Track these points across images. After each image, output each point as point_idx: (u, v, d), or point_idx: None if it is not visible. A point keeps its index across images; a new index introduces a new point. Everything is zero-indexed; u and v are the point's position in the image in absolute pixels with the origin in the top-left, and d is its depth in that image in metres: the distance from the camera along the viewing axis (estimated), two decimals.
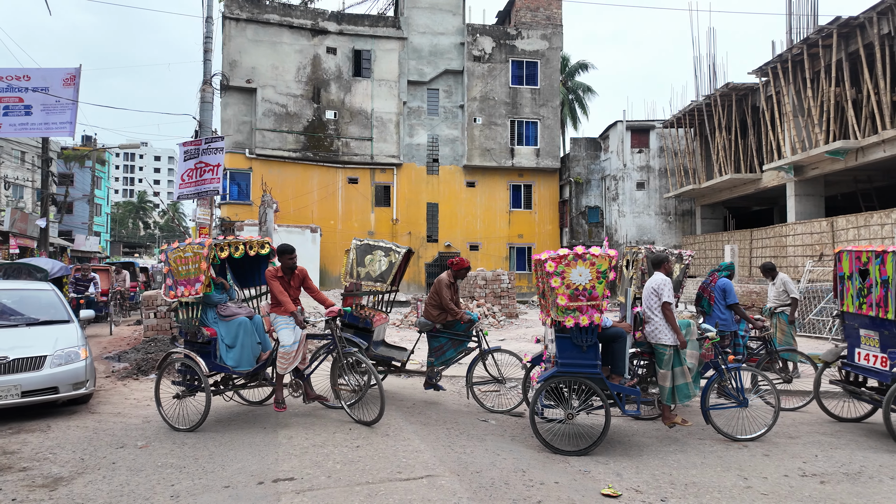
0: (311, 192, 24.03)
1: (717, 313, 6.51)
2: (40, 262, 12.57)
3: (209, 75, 8.77)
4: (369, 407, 5.66)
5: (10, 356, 5.66)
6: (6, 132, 9.08)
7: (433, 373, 6.34)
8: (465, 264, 6.49)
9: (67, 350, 6.07)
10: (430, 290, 6.43)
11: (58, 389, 5.82)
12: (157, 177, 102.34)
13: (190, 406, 5.73)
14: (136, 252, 54.03)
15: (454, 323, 6.29)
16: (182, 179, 8.26)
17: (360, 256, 6.65)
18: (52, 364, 5.86)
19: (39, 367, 5.78)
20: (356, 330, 6.40)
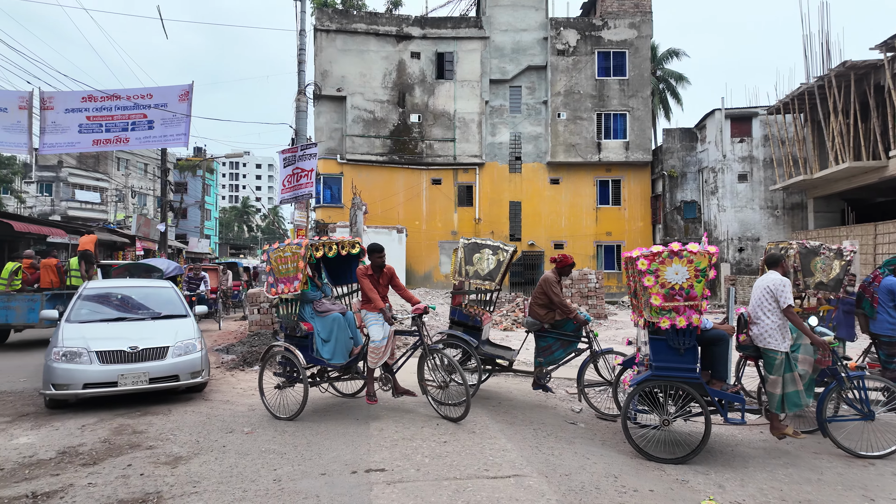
0: (397, 194, 24.72)
1: (885, 317, 5.69)
2: (157, 262, 13.96)
3: (303, 86, 9.30)
4: (455, 403, 5.73)
5: (139, 346, 6.29)
6: (133, 145, 10.22)
7: (542, 373, 6.20)
8: (570, 261, 6.32)
9: (186, 342, 6.64)
10: (535, 289, 6.32)
11: (178, 377, 6.38)
12: (258, 183, 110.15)
13: (290, 396, 6.09)
14: (241, 253, 58.52)
15: (563, 322, 6.13)
16: (283, 185, 8.84)
17: (468, 255, 6.66)
18: (174, 354, 6.43)
19: (163, 357, 6.36)
20: (465, 328, 6.44)
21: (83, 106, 9.92)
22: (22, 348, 11.06)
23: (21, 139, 9.80)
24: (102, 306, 7.30)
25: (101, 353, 6.11)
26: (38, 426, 5.54)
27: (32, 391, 7.08)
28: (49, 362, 6.03)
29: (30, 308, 10.24)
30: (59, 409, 6.17)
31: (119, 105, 9.91)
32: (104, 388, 6.00)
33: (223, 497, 3.81)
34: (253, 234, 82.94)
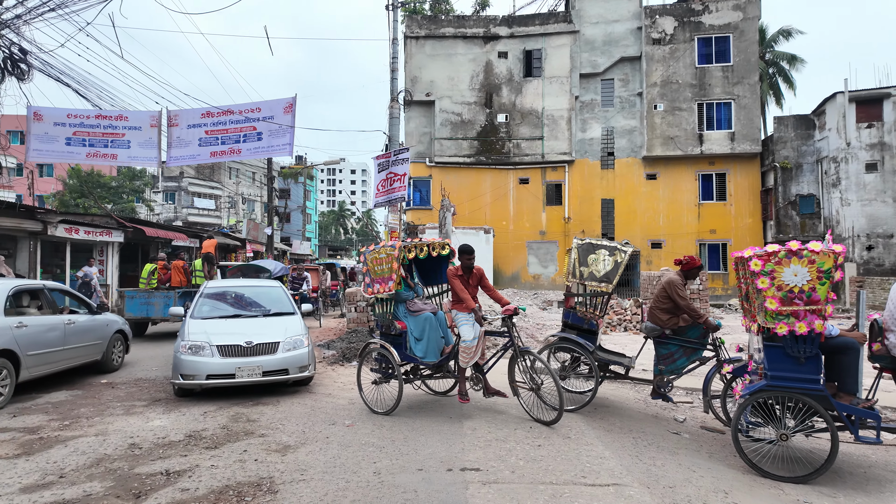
0: (484, 195, 24.77)
1: None
2: (265, 263, 15.10)
3: (396, 93, 9.61)
4: (548, 406, 5.63)
5: (254, 341, 6.76)
6: (244, 156, 11.16)
7: (662, 382, 5.85)
8: (697, 262, 5.94)
9: (294, 338, 7.05)
10: (657, 292, 6.01)
11: (288, 371, 6.78)
12: (353, 188, 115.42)
13: (386, 391, 6.31)
14: (338, 254, 61.70)
15: (686, 328, 5.75)
16: (377, 189, 9.20)
17: (583, 256, 6.42)
18: (283, 349, 6.85)
19: (274, 352, 6.80)
20: (579, 331, 6.27)
21: (202, 122, 11.00)
22: (156, 339, 12.43)
23: (152, 154, 11.08)
24: (221, 304, 7.96)
25: (221, 347, 6.63)
26: (168, 411, 6.19)
27: (163, 379, 7.93)
28: (178, 354, 6.66)
29: (165, 304, 11.64)
30: (185, 396, 6.83)
31: (232, 119, 10.87)
32: (224, 379, 6.52)
33: (328, 486, 4.03)
34: (348, 236, 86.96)
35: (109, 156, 11.00)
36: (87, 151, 10.85)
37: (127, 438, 5.15)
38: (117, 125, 10.93)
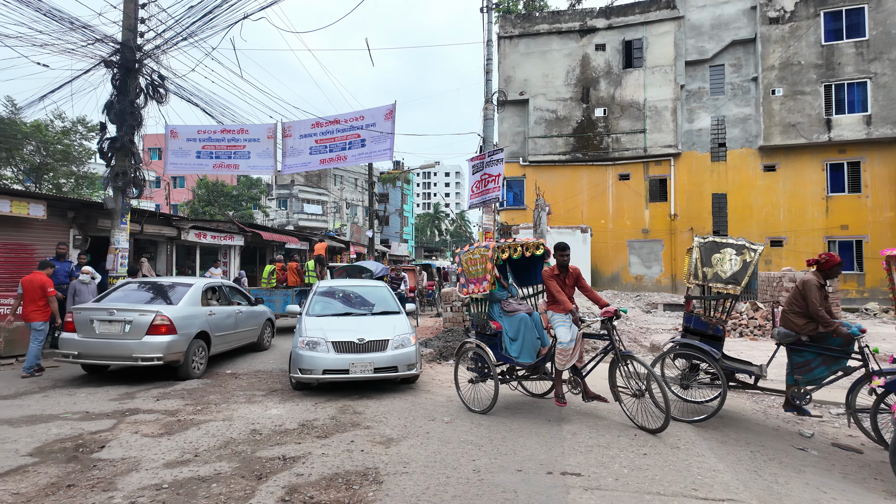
0: (581, 193, 24.07)
1: None
2: (367, 264, 15.85)
3: (490, 94, 9.65)
4: (653, 414, 5.36)
5: (365, 338, 6.98)
6: (350, 162, 11.80)
7: (798, 393, 5.33)
8: (836, 260, 5.32)
9: (402, 336, 7.22)
10: (790, 294, 5.49)
11: (397, 369, 6.93)
12: (447, 190, 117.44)
13: (482, 391, 6.35)
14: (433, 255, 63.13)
15: (826, 335, 5.18)
16: (472, 190, 9.30)
17: (706, 255, 5.92)
18: (392, 347, 7.01)
19: (384, 349, 6.97)
20: (702, 337, 5.86)
21: (312, 131, 11.81)
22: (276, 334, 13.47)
23: (269, 163, 12.09)
24: (332, 302, 8.40)
25: (336, 343, 6.90)
26: (283, 401, 6.70)
27: (279, 372, 8.60)
28: (297, 350, 6.99)
29: (284, 301, 12.74)
30: (300, 389, 7.28)
31: (338, 128, 11.56)
32: (338, 374, 6.78)
33: (429, 480, 4.14)
34: (443, 237, 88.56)
35: (232, 166, 12.18)
36: (213, 163, 12.10)
37: (249, 424, 5.65)
38: (239, 138, 12.07)
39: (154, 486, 4.01)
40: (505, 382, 6.35)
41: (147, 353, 7.35)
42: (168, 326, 7.54)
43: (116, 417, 5.88)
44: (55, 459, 4.58)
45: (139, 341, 7.37)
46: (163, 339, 7.45)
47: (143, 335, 7.39)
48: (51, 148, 24.92)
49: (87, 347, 7.43)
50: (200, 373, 8.17)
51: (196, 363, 8.09)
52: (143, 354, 7.33)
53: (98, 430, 5.39)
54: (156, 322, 7.46)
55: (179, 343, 7.68)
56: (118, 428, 5.50)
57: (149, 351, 7.36)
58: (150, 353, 7.35)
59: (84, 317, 7.55)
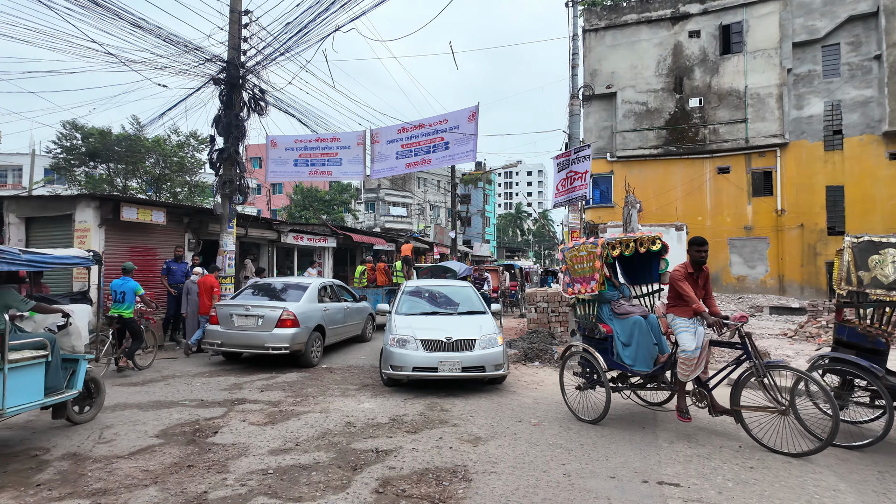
0: (675, 188, 22.78)
1: None
2: (451, 264, 16.06)
3: (576, 89, 9.42)
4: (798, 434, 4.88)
5: (453, 337, 7.04)
6: (433, 165, 12.03)
7: None
8: None
9: (489, 336, 7.16)
10: None
11: (485, 368, 6.92)
12: (529, 189, 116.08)
13: (591, 398, 5.91)
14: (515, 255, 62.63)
15: None
16: (557, 189, 9.12)
17: (861, 258, 5.14)
18: (480, 346, 7.00)
19: (472, 349, 6.97)
20: (859, 351, 5.15)
21: (398, 136, 12.18)
22: None
23: (358, 169, 12.62)
24: (420, 301, 8.58)
25: (425, 342, 7.01)
26: (375, 395, 6.95)
27: (370, 367, 8.94)
28: (388, 347, 7.18)
29: (375, 300, 13.27)
30: (391, 386, 7.46)
31: (423, 132, 11.83)
32: (427, 372, 6.88)
33: (518, 481, 4.12)
34: (525, 237, 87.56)
35: (326, 172, 12.85)
36: (309, 170, 12.84)
37: (344, 417, 5.93)
38: (331, 146, 12.71)
39: (261, 471, 4.33)
40: (617, 391, 5.80)
41: (276, 343, 8.43)
42: (293, 320, 8.58)
43: (227, 406, 6.41)
44: (177, 441, 5.08)
45: (270, 333, 8.47)
46: (289, 332, 8.50)
47: (273, 328, 8.48)
48: (168, 160, 27.66)
49: (228, 338, 8.67)
50: (318, 361, 9.17)
51: (314, 353, 9.08)
52: (273, 344, 8.43)
53: (211, 417, 5.91)
54: (283, 317, 8.51)
55: (302, 335, 8.69)
56: (228, 416, 5.99)
57: (278, 342, 8.43)
58: (279, 344, 8.43)
59: (225, 312, 8.76)
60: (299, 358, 8.90)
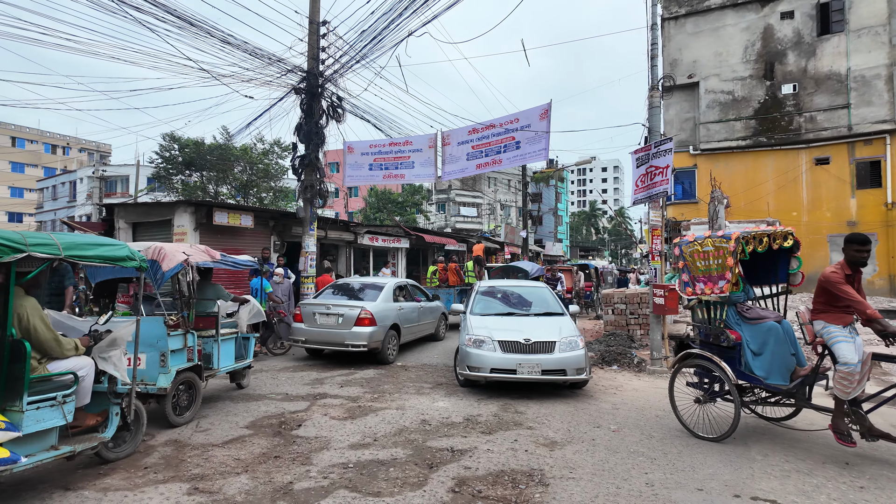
0: (766, 182, 21.19)
1: None
2: (522, 264, 15.88)
3: (655, 81, 8.98)
4: None
5: (531, 338, 6.79)
6: (504, 165, 11.95)
7: None
8: None
9: (570, 339, 6.88)
10: None
11: (565, 372, 6.64)
12: (603, 186, 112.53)
13: (712, 413, 5.37)
14: (589, 255, 60.92)
15: None
16: (636, 185, 8.75)
17: None
18: (560, 349, 6.73)
19: (551, 351, 6.72)
20: None
21: (469, 138, 12.22)
22: None
23: (430, 171, 12.80)
24: (494, 301, 8.45)
25: (502, 343, 6.80)
26: (448, 395, 7.00)
27: (443, 367, 9.02)
28: (465, 347, 7.05)
29: (447, 300, 13.42)
30: (467, 386, 7.37)
31: (494, 132, 11.78)
32: (506, 374, 6.67)
33: (598, 488, 3.99)
34: (600, 236, 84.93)
35: (399, 176, 13.14)
36: (383, 174, 13.18)
37: (419, 415, 6.02)
38: (404, 149, 12.98)
39: (342, 465, 4.48)
40: (746, 406, 5.24)
41: (355, 340, 8.82)
42: (370, 319, 8.92)
43: (309, 400, 6.71)
44: (264, 433, 5.38)
45: (349, 331, 8.87)
46: (366, 330, 8.85)
47: (352, 326, 8.88)
48: (255, 167, 29.45)
49: (311, 335, 9.16)
50: (393, 359, 9.45)
51: (390, 350, 9.37)
52: (352, 342, 8.82)
53: (295, 411, 6.20)
54: (361, 315, 8.88)
55: (378, 333, 9.02)
56: (311, 409, 6.26)
57: (357, 339, 8.82)
58: (358, 341, 8.81)
59: (308, 310, 9.29)
60: (376, 355, 9.19)
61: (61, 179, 49.01)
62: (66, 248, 3.82)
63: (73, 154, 62.41)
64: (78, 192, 45.35)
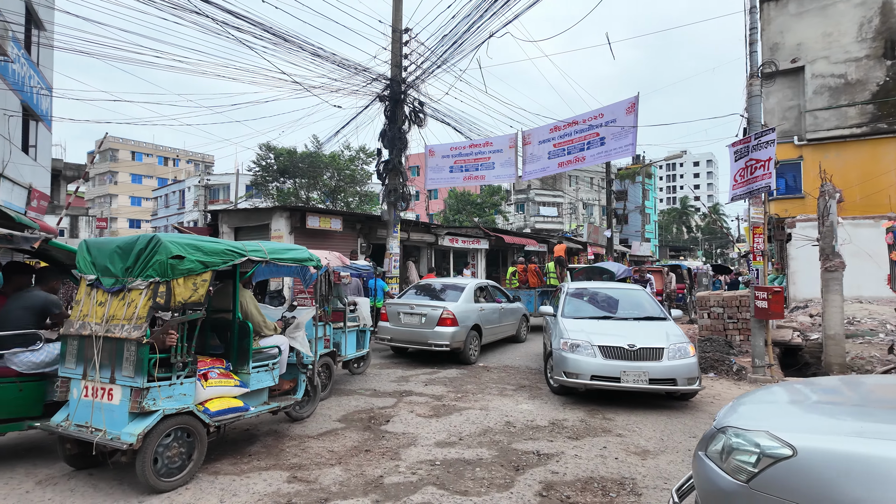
0: (887, 173, 18.96)
1: None
2: (608, 265, 15.32)
3: (755, 68, 8.35)
4: None
5: (636, 344, 6.28)
6: (588, 162, 11.63)
7: None
8: None
9: (679, 345, 6.37)
10: None
11: (676, 382, 6.16)
12: (696, 182, 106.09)
13: None
14: (680, 255, 57.63)
15: None
16: (734, 180, 8.17)
17: None
18: (669, 357, 6.22)
19: (659, 358, 6.23)
20: None
21: (550, 136, 12.03)
22: None
23: (510, 171, 12.75)
24: (586, 304, 7.99)
25: (603, 348, 6.34)
26: (532, 397, 6.92)
27: (525, 369, 8.94)
28: (559, 352, 6.62)
29: (528, 301, 13.30)
30: (561, 394, 6.97)
31: (577, 129, 11.51)
32: (608, 382, 6.22)
33: None
34: (692, 234, 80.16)
35: (479, 177, 13.21)
36: (463, 175, 13.32)
37: (503, 416, 6.01)
38: (484, 150, 13.03)
39: (429, 462, 4.58)
40: None
41: (438, 340, 8.99)
42: (452, 319, 9.06)
43: (396, 397, 6.91)
44: (355, 427, 5.61)
45: (432, 330, 9.05)
46: (449, 330, 9.00)
47: (434, 326, 9.06)
48: (342, 173, 30.82)
49: (396, 334, 9.46)
50: (475, 359, 9.53)
51: (472, 351, 9.47)
52: (435, 341, 9.00)
53: (383, 407, 6.41)
54: (444, 315, 9.04)
55: (460, 333, 9.15)
56: (398, 406, 6.45)
57: (439, 339, 8.98)
58: (440, 341, 8.98)
59: (393, 310, 9.61)
60: (458, 355, 9.31)
61: (172, 189, 54.07)
62: (270, 253, 4.92)
63: (181, 165, 68.68)
64: (186, 199, 49.81)
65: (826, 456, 2.08)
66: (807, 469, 2.09)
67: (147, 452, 3.78)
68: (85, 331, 4.04)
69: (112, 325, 3.95)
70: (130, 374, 3.83)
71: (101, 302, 4.11)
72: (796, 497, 2.07)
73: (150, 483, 3.81)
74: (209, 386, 4.35)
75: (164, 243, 3.98)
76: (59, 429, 3.97)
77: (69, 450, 4.18)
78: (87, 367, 4.00)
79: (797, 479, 2.10)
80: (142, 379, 3.79)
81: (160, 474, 3.88)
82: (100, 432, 3.81)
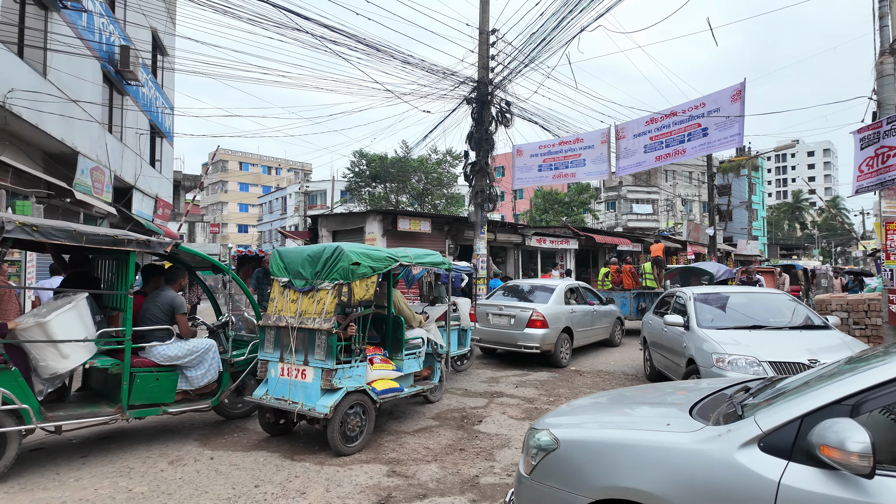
0: None
1: None
2: (706, 266, 14.30)
3: (886, 44, 7.42)
4: None
5: (819, 359, 5.13)
6: (689, 155, 10.92)
7: None
8: None
9: None
10: None
11: None
12: (810, 174, 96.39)
13: None
14: (793, 254, 52.51)
15: None
16: (860, 171, 7.31)
17: None
18: None
19: None
20: None
21: (647, 129, 11.47)
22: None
23: (603, 167, 12.32)
24: (719, 311, 6.76)
25: (777, 365, 5.27)
26: None
27: (620, 374, 8.61)
28: (714, 370, 5.44)
29: (622, 303, 12.81)
30: None
31: (675, 120, 10.87)
32: None
33: None
34: (807, 231, 72.87)
35: (569, 175, 12.91)
36: (553, 174, 13.07)
37: None
38: (574, 147, 12.71)
39: None
40: None
41: (527, 342, 8.96)
42: (542, 321, 8.96)
43: (487, 398, 6.94)
44: (449, 425, 5.71)
45: (522, 332, 9.02)
46: (538, 332, 8.93)
47: (524, 327, 9.01)
48: (430, 176, 31.49)
49: (485, 334, 9.52)
50: (566, 363, 9.34)
51: (563, 354, 9.30)
52: (524, 343, 8.98)
53: (475, 407, 6.47)
54: (533, 317, 8.97)
55: (551, 335, 9.03)
56: (489, 407, 6.47)
57: (529, 341, 8.95)
58: (530, 343, 8.94)
59: (482, 311, 9.67)
60: (548, 358, 9.18)
61: (275, 196, 58.12)
62: (415, 258, 5.86)
63: (283, 174, 73.62)
64: (288, 205, 53.31)
65: (578, 445, 2.48)
66: (567, 458, 2.47)
67: (335, 422, 4.63)
68: (281, 322, 4.98)
69: (305, 318, 4.84)
70: (322, 358, 4.69)
71: (293, 300, 5.05)
72: (560, 483, 2.45)
73: (337, 447, 4.65)
74: (374, 369, 5.19)
75: (346, 252, 4.82)
76: (261, 401, 4.94)
77: (268, 418, 5.17)
78: (284, 352, 4.95)
79: (560, 467, 2.48)
80: (332, 361, 4.65)
81: (345, 441, 4.74)
82: (296, 405, 4.72)
